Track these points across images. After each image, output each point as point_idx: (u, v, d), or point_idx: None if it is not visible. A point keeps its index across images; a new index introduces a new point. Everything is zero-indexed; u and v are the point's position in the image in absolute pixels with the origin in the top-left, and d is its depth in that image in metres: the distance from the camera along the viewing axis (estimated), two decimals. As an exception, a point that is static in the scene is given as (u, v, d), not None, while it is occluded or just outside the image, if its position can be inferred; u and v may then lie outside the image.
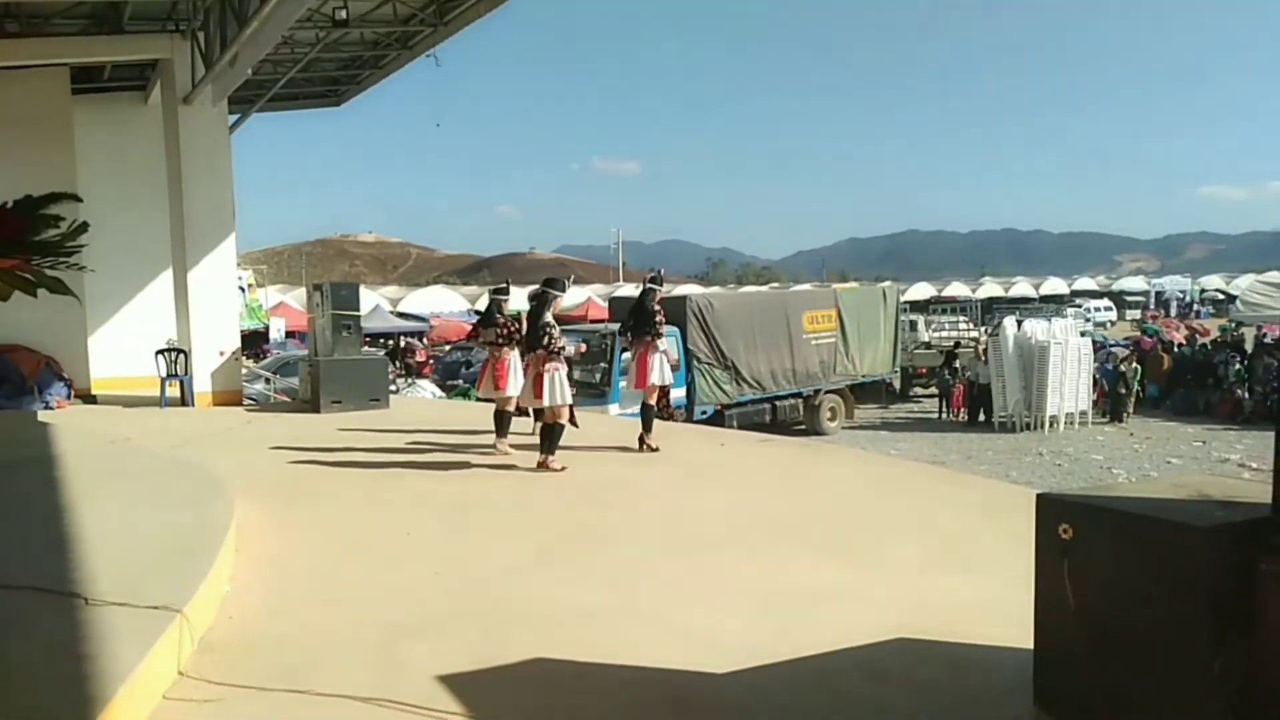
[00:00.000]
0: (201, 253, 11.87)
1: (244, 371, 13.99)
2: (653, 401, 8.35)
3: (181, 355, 12.00)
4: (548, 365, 7.30)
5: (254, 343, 28.05)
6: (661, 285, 8.62)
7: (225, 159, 12.21)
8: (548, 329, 7.40)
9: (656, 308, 8.33)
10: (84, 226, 6.61)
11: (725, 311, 17.87)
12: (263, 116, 16.11)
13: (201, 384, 11.92)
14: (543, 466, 7.33)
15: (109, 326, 13.90)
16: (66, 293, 6.97)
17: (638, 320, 8.35)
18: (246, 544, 5.11)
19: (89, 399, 12.57)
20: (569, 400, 7.46)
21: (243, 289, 25.31)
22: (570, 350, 7.70)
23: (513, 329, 8.47)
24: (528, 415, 8.75)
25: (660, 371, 8.25)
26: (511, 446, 8.20)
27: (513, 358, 8.34)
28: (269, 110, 16.02)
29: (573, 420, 7.67)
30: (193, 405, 11.79)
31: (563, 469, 7.31)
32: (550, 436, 7.40)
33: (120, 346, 13.58)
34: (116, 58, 12.67)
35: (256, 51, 9.50)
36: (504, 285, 9.35)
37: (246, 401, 12.97)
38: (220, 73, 10.48)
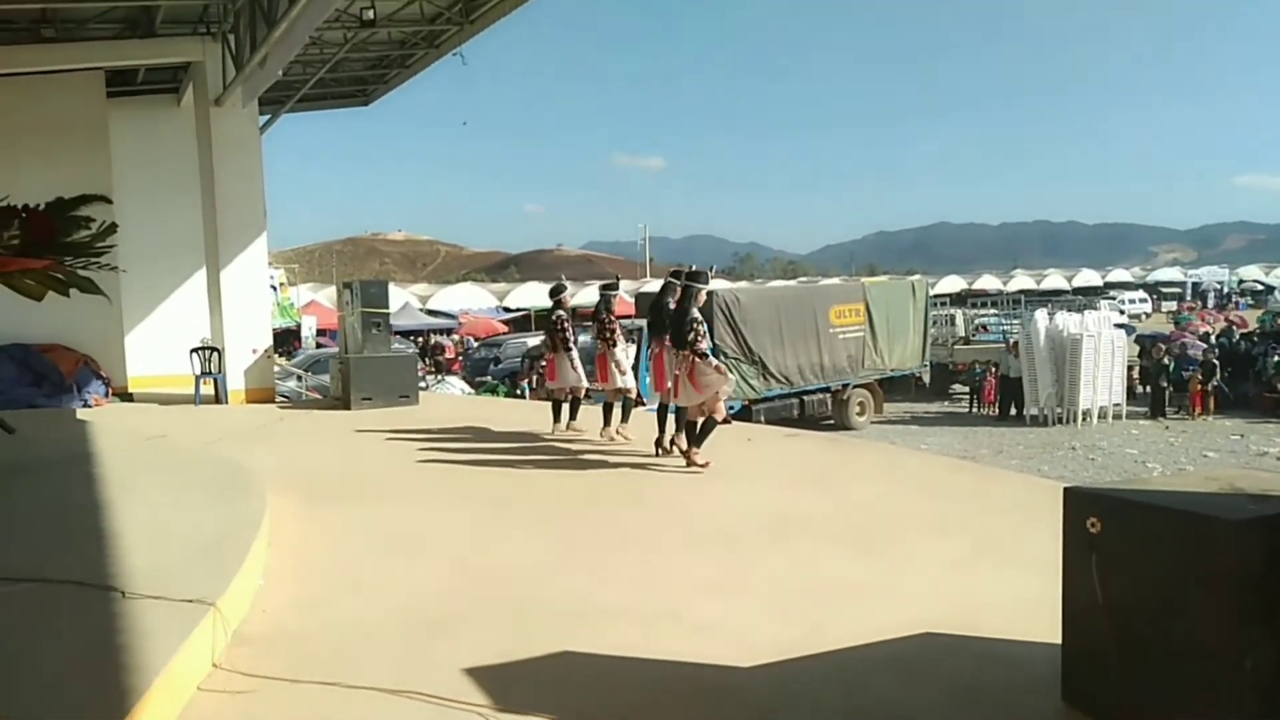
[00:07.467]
0: (234, 252, 12.07)
1: (276, 369, 14.18)
2: (717, 417, 7.33)
3: (215, 353, 12.19)
4: (699, 361, 7.08)
5: (286, 340, 28.42)
6: (704, 281, 7.48)
7: (256, 159, 12.39)
8: (695, 324, 7.14)
9: (695, 313, 7.29)
10: (113, 227, 6.71)
11: (752, 306, 17.80)
12: (292, 116, 16.33)
13: (235, 381, 12.12)
14: (690, 462, 7.22)
15: (145, 325, 14.12)
16: (98, 293, 7.08)
17: (676, 326, 7.33)
18: (279, 538, 5.18)
19: (126, 397, 12.81)
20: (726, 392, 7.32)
21: (274, 288, 25.65)
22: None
23: (613, 326, 8.56)
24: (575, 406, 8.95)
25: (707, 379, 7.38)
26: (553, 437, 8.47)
27: (619, 353, 8.44)
28: (298, 110, 16.20)
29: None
30: (226, 402, 11.99)
31: (706, 464, 7.19)
32: (707, 431, 7.27)
33: (156, 345, 13.78)
34: (149, 61, 12.88)
35: (286, 53, 9.62)
36: (614, 280, 9.25)
37: (279, 399, 13.16)
38: (250, 74, 10.62)
